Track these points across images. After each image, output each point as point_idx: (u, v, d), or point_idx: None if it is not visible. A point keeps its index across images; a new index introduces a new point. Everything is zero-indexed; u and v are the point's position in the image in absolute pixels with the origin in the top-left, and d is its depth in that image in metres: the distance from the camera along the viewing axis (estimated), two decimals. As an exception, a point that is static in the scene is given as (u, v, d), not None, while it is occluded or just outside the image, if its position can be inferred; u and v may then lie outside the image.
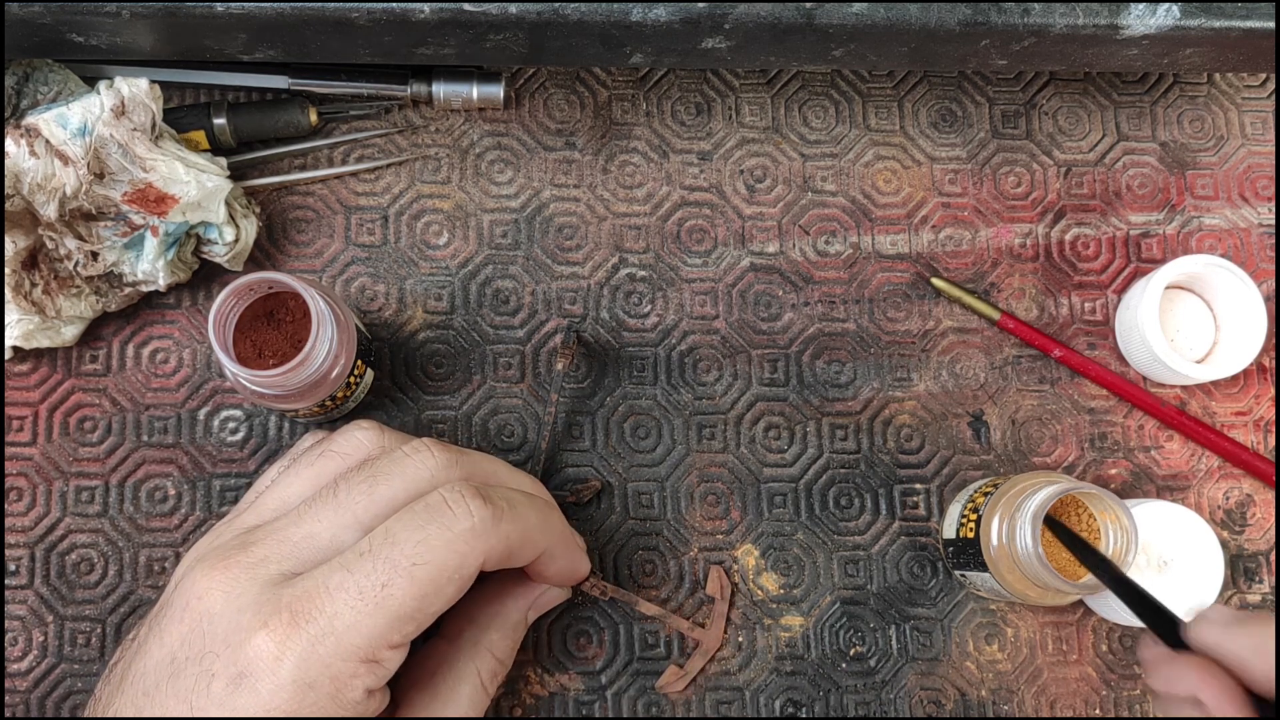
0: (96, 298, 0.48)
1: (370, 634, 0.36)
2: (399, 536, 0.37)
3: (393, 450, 0.41)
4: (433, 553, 0.37)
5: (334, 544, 0.38)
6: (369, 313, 0.51)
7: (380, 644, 0.36)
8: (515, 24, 0.44)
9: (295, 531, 0.38)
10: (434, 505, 0.38)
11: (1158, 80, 0.55)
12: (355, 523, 0.38)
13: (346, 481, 0.39)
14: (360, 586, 0.36)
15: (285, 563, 0.37)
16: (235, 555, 0.38)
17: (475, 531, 0.38)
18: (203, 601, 0.37)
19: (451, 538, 0.37)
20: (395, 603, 0.36)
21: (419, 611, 0.37)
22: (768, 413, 0.51)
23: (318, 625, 0.35)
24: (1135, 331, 0.50)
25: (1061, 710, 0.49)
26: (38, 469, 0.49)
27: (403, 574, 0.36)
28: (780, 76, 0.54)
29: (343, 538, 0.38)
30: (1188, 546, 0.47)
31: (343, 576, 0.36)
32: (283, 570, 0.37)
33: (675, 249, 0.52)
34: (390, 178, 0.52)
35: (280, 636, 0.35)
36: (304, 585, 0.36)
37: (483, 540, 0.38)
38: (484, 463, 0.42)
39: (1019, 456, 0.51)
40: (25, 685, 0.47)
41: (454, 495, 0.38)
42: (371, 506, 0.38)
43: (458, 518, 0.37)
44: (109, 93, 0.46)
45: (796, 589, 0.50)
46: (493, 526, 0.38)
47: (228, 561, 0.37)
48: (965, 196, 0.53)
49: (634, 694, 0.49)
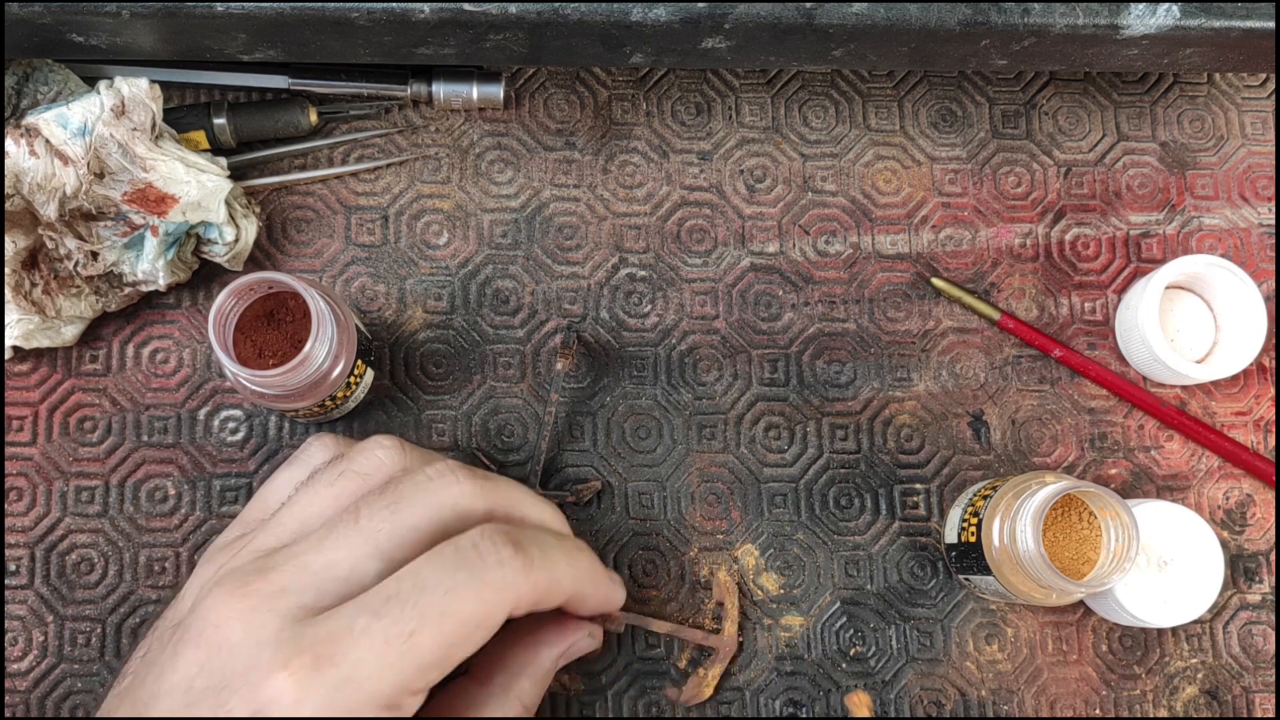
0: (96, 298, 0.48)
1: (394, 682, 0.35)
2: (428, 582, 0.36)
3: (415, 472, 0.40)
4: (462, 603, 0.36)
5: (354, 574, 0.37)
6: (369, 313, 0.51)
7: (403, 691, 0.35)
8: (515, 24, 0.44)
9: (315, 560, 0.37)
10: (465, 551, 0.37)
11: (1158, 80, 0.55)
12: (377, 551, 0.37)
13: (368, 505, 0.38)
14: (387, 633, 0.35)
15: (305, 594, 0.36)
16: (254, 583, 0.36)
17: (506, 582, 0.37)
18: (220, 631, 0.36)
19: (481, 587, 0.36)
20: (421, 652, 0.35)
21: (444, 660, 0.36)
22: (768, 413, 0.51)
23: (341, 671, 0.35)
24: (1135, 331, 0.50)
25: (1061, 710, 0.49)
26: (38, 469, 0.49)
27: (431, 623, 0.35)
28: (780, 76, 0.54)
29: (364, 568, 0.37)
30: (1188, 546, 0.47)
31: (369, 621, 0.35)
32: (303, 603, 0.36)
33: (675, 249, 0.52)
34: (390, 178, 0.52)
35: (301, 679, 0.34)
36: (328, 626, 0.35)
37: (513, 591, 0.37)
38: (509, 491, 0.41)
39: (1019, 456, 0.51)
40: (25, 685, 0.47)
41: (486, 542, 0.37)
42: (394, 534, 0.37)
43: (489, 567, 0.37)
44: (109, 93, 0.46)
45: (796, 589, 0.50)
46: (523, 576, 0.37)
47: (246, 589, 0.36)
48: (965, 196, 0.53)
49: (634, 694, 0.49)
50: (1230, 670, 0.50)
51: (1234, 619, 0.50)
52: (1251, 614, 0.50)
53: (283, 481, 0.43)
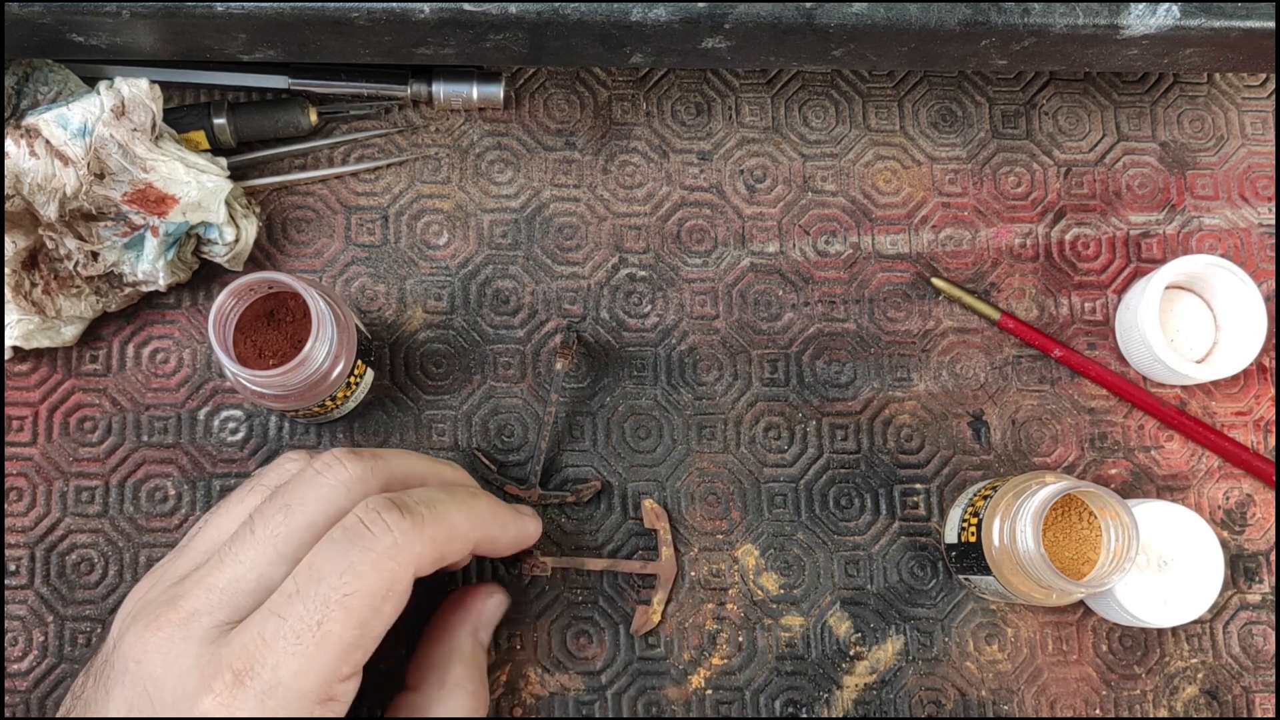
0: (96, 298, 0.48)
1: (319, 675, 0.35)
2: (323, 570, 0.36)
3: (303, 469, 0.39)
4: (361, 579, 0.36)
5: (261, 583, 0.37)
6: (369, 313, 0.51)
7: (331, 680, 0.36)
8: (515, 24, 0.44)
9: (219, 578, 0.37)
10: (351, 529, 0.37)
11: (1158, 80, 0.55)
12: (279, 557, 0.37)
13: (261, 514, 0.38)
14: (296, 631, 0.35)
15: (217, 613, 0.36)
16: (165, 613, 0.36)
17: (399, 545, 0.37)
18: (142, 666, 0.36)
19: (376, 558, 0.36)
20: (335, 638, 0.35)
21: (362, 639, 0.36)
22: (768, 413, 0.51)
23: (262, 679, 0.35)
24: (1135, 331, 0.50)
25: (1061, 710, 0.49)
26: (38, 469, 0.49)
27: (336, 608, 0.35)
28: (780, 76, 0.54)
29: (270, 575, 0.37)
30: (1188, 546, 0.47)
31: (277, 624, 0.35)
32: (215, 621, 0.36)
33: (675, 249, 0.52)
34: (390, 178, 0.52)
35: (227, 699, 0.35)
36: (241, 640, 0.35)
37: (408, 552, 0.37)
38: (400, 462, 0.41)
39: (1019, 456, 0.51)
40: (25, 685, 0.47)
41: (369, 514, 0.37)
42: (291, 537, 0.37)
43: (378, 536, 0.36)
44: (109, 93, 0.46)
45: (796, 589, 0.50)
46: (415, 536, 0.37)
47: (159, 621, 0.36)
48: (965, 196, 0.53)
49: (634, 694, 0.49)
50: (1230, 670, 0.50)
51: (1234, 619, 0.50)
52: (1251, 614, 0.50)
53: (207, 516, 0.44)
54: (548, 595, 0.49)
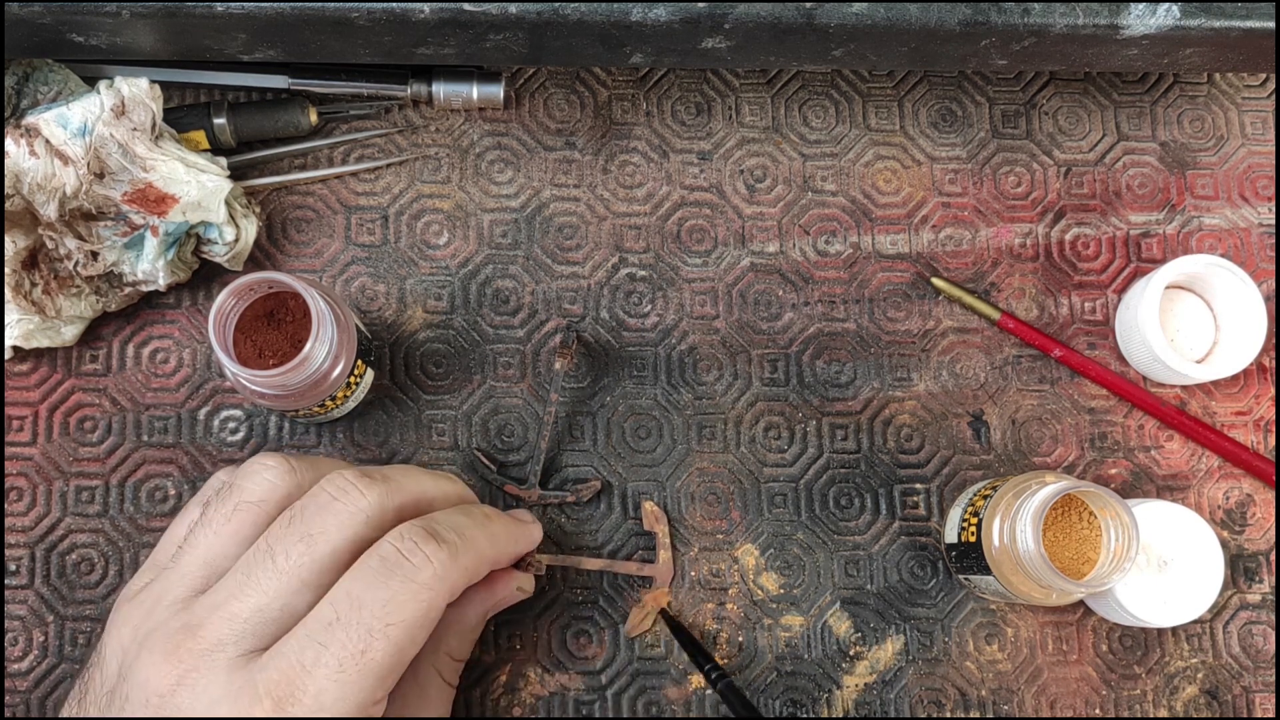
0: (96, 298, 0.48)
1: (358, 701, 0.35)
2: (364, 599, 0.36)
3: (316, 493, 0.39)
4: (403, 610, 0.36)
5: (286, 612, 0.37)
6: (369, 313, 0.51)
7: (368, 704, 0.36)
8: (515, 24, 0.44)
9: (241, 607, 0.37)
10: (389, 559, 0.37)
11: (1158, 80, 0.55)
12: (303, 585, 0.37)
13: (281, 542, 0.38)
14: (339, 659, 0.35)
15: (243, 642, 0.36)
16: (185, 643, 0.36)
17: (439, 576, 0.37)
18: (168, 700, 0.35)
19: (417, 589, 0.37)
20: (376, 665, 0.36)
21: (399, 665, 0.37)
22: (768, 413, 0.51)
23: (304, 706, 0.35)
24: (1135, 331, 0.50)
25: (1061, 710, 0.49)
26: (38, 469, 0.49)
27: (378, 636, 0.36)
28: (780, 76, 0.54)
29: (294, 604, 0.37)
30: (1188, 546, 0.47)
31: (317, 652, 0.35)
32: (242, 650, 0.36)
33: (675, 249, 0.52)
34: (390, 178, 0.52)
35: None
36: (278, 666, 0.35)
37: (447, 583, 0.38)
38: (410, 483, 0.41)
39: (1019, 456, 0.51)
40: (25, 685, 0.47)
41: (407, 545, 0.38)
42: (314, 565, 0.37)
43: (419, 568, 0.37)
44: (109, 93, 0.46)
45: (796, 589, 0.50)
46: (452, 566, 0.38)
47: (178, 651, 0.36)
48: (965, 196, 0.53)
49: (634, 694, 0.49)
50: (1230, 670, 0.50)
51: (1234, 619, 0.50)
52: (1251, 614, 0.50)
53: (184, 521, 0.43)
54: (548, 595, 0.49)
